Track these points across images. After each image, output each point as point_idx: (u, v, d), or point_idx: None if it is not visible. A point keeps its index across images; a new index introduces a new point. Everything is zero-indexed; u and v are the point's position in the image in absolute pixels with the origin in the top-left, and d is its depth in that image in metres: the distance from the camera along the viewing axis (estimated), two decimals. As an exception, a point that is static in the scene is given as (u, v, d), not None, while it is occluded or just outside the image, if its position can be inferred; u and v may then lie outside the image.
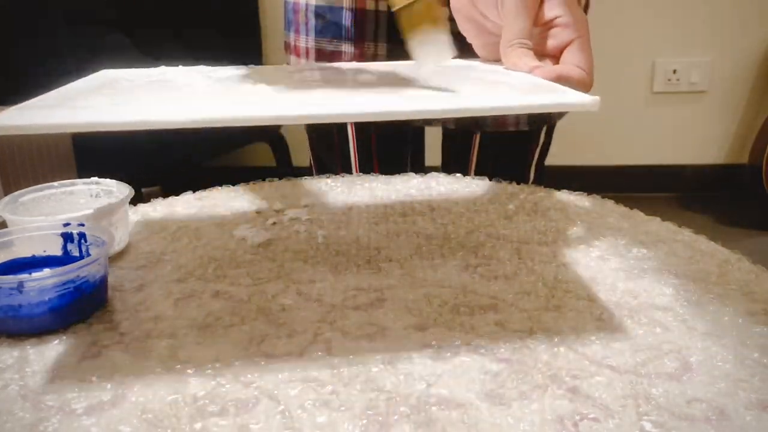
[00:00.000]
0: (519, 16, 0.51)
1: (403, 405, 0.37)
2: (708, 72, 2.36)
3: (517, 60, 0.51)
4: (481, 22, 0.56)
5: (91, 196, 0.59)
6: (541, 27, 0.53)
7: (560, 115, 0.85)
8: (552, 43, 0.52)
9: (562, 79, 0.49)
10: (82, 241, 0.50)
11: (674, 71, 2.35)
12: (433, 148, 0.96)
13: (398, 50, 0.79)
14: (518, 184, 0.72)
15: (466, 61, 0.60)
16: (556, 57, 0.52)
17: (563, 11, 0.51)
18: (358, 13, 0.79)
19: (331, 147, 0.87)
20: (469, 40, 0.59)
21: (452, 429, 0.35)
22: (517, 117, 0.81)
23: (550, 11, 0.52)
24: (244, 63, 0.60)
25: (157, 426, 0.35)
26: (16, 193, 0.55)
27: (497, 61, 0.56)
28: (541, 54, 0.52)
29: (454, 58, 0.51)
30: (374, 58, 0.80)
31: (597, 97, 0.42)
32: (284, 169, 2.27)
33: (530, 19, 0.51)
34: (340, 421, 0.36)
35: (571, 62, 0.50)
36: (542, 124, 0.84)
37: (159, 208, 0.65)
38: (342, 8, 0.79)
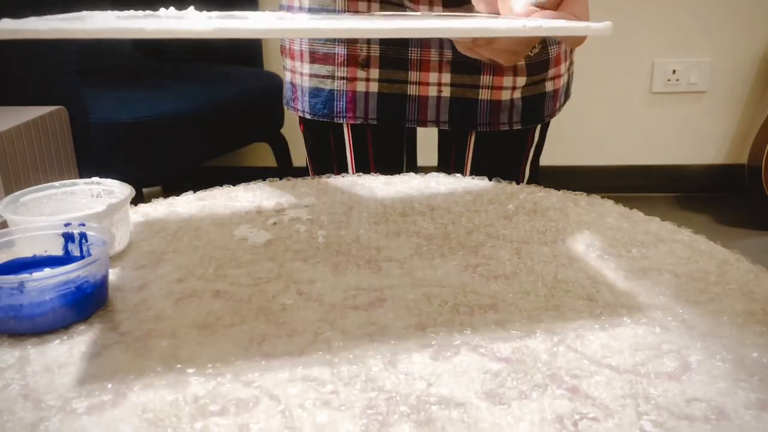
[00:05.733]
0: None
1: (403, 404, 0.37)
2: (707, 72, 2.36)
3: (513, 5, 0.52)
4: None
5: (92, 196, 0.59)
6: None
7: (553, 113, 0.85)
8: None
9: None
10: (83, 241, 0.50)
11: (673, 71, 2.35)
12: (426, 149, 0.96)
13: (390, 52, 0.80)
14: (514, 183, 0.72)
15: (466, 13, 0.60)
16: (553, 9, 0.52)
17: None
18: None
19: (328, 148, 0.87)
20: None
21: (452, 428, 0.35)
22: (511, 116, 0.81)
23: None
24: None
25: (157, 426, 0.35)
26: (16, 193, 0.55)
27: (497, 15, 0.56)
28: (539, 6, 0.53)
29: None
30: (366, 60, 0.80)
31: (609, 22, 0.43)
32: (284, 169, 2.27)
33: None
34: (340, 420, 0.36)
35: (570, 12, 0.51)
36: (535, 123, 0.84)
37: (159, 208, 0.65)
38: (334, 10, 0.79)
